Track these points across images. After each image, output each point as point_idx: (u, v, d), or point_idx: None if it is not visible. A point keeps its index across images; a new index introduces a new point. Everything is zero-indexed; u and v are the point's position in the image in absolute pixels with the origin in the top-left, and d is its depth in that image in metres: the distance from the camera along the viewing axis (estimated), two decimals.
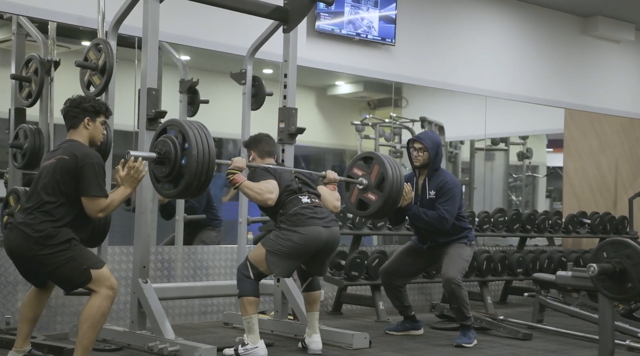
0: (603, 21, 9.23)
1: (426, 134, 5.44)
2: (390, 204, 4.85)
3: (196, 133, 3.95)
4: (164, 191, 4.13)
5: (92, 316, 3.67)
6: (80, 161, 3.73)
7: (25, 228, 3.68)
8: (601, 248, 3.05)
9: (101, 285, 3.72)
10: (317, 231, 4.38)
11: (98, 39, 4.84)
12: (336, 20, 6.89)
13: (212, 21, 6.01)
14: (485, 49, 8.31)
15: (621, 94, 9.76)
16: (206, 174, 3.97)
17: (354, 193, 4.98)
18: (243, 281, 4.40)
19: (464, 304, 5.10)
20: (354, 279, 6.11)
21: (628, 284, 2.95)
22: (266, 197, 4.39)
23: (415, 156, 5.30)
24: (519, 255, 7.30)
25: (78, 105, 3.92)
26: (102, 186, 3.81)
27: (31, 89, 5.38)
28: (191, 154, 3.90)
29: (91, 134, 3.96)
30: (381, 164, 4.85)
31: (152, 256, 5.52)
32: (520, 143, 9.90)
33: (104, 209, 3.78)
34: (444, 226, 5.16)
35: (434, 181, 5.28)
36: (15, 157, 5.36)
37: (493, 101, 8.50)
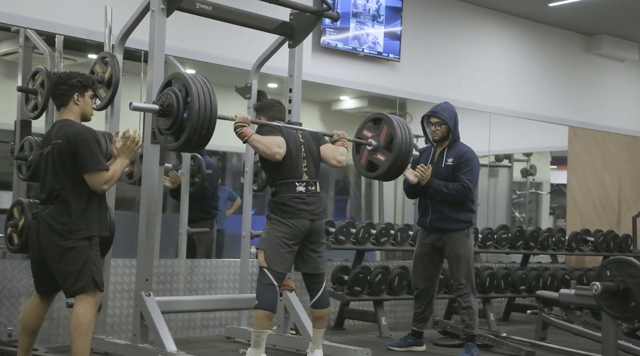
0: (607, 40, 9.26)
1: (440, 107, 5.35)
2: (398, 165, 4.80)
3: (199, 87, 3.96)
4: (166, 143, 4.15)
5: (79, 325, 3.69)
6: (72, 140, 3.74)
7: (50, 221, 3.74)
8: (605, 266, 3.05)
9: (87, 296, 3.75)
10: (303, 224, 4.42)
11: (105, 52, 4.87)
12: (341, 36, 6.92)
13: (218, 35, 6.05)
14: (490, 65, 8.34)
15: (625, 113, 9.78)
16: (207, 129, 3.98)
17: (364, 155, 4.95)
18: (265, 290, 4.34)
19: (472, 318, 5.12)
20: (356, 294, 6.09)
21: (631, 303, 2.95)
22: (275, 150, 4.39)
23: (433, 131, 5.27)
24: (522, 272, 7.28)
25: (65, 81, 3.91)
26: (100, 159, 3.80)
27: (37, 102, 5.38)
28: (193, 108, 3.91)
29: (82, 109, 3.96)
30: (390, 125, 4.81)
31: (154, 269, 5.51)
32: (524, 160, 9.90)
33: (107, 181, 3.80)
34: (467, 196, 5.15)
35: (454, 150, 5.25)
36: (20, 169, 5.37)
37: (497, 117, 8.51)
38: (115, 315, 5.36)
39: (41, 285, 3.94)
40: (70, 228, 3.72)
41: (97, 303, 3.81)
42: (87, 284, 3.74)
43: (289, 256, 4.44)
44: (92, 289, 3.75)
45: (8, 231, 5.15)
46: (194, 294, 5.76)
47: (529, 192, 10.17)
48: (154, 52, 4.55)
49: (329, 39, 6.82)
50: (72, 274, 3.74)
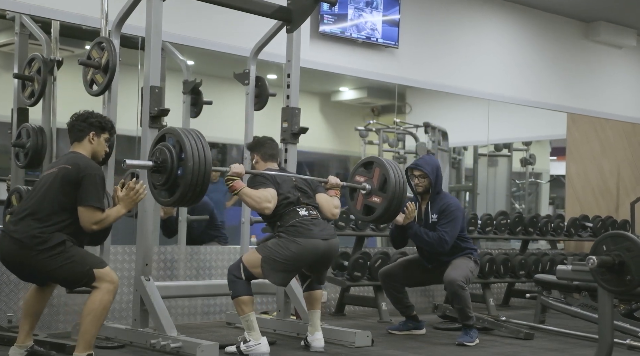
0: (605, 26, 9.25)
1: (424, 160, 5.43)
2: (395, 205, 4.83)
3: (193, 143, 3.92)
4: (160, 198, 4.13)
5: (94, 310, 3.68)
6: (82, 171, 3.76)
7: (17, 234, 3.69)
8: (601, 241, 3.06)
9: (103, 281, 3.73)
10: (314, 244, 4.38)
11: (101, 37, 4.86)
12: (340, 23, 6.91)
13: (216, 22, 6.04)
14: (489, 52, 8.33)
15: (623, 99, 9.77)
16: (201, 185, 3.95)
17: (359, 200, 4.97)
18: (234, 282, 4.40)
19: (467, 305, 5.11)
20: (356, 279, 6.10)
21: (627, 277, 2.96)
22: (264, 205, 4.40)
23: (416, 184, 5.33)
24: (521, 257, 7.30)
25: (85, 119, 3.98)
26: (100, 198, 3.83)
27: (34, 89, 5.38)
28: (187, 165, 3.89)
29: (95, 149, 4.01)
30: (382, 166, 4.86)
31: (155, 256, 5.52)
32: (523, 149, 9.90)
33: (98, 222, 3.80)
34: (443, 247, 5.19)
35: (437, 204, 5.31)
36: (17, 157, 5.38)
37: (496, 105, 8.51)
38: (115, 302, 5.29)
39: (34, 282, 3.95)
40: (41, 239, 3.67)
41: (115, 290, 3.77)
42: (88, 277, 3.72)
43: (288, 276, 4.48)
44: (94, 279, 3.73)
45: (6, 219, 5.17)
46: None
47: (528, 181, 10.17)
48: (150, 37, 4.54)
49: (327, 26, 6.81)
50: (68, 278, 3.76)
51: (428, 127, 8.56)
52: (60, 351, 4.22)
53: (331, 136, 9.11)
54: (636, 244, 2.96)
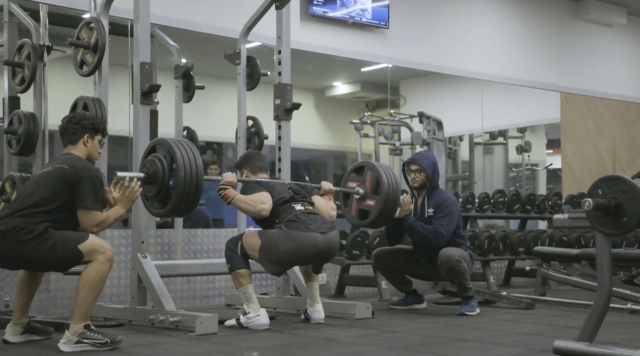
0: (595, 5, 9.27)
1: (420, 155, 5.42)
2: (389, 207, 4.84)
3: (184, 153, 3.91)
4: (152, 209, 4.11)
5: (90, 281, 3.64)
6: (80, 173, 3.71)
7: (3, 227, 3.64)
8: (596, 185, 3.05)
9: (96, 253, 3.67)
10: (314, 238, 4.33)
11: (90, 17, 4.85)
12: (329, 4, 6.91)
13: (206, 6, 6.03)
14: (479, 32, 8.34)
15: (615, 78, 9.79)
16: (194, 195, 3.94)
17: (353, 205, 4.96)
18: (232, 256, 4.39)
19: (465, 277, 5.08)
20: (355, 258, 6.08)
21: (623, 219, 2.94)
22: (259, 207, 4.37)
23: (413, 178, 5.30)
24: (520, 234, 7.28)
25: (78, 122, 3.94)
26: (98, 200, 3.79)
27: (24, 75, 5.37)
28: (179, 175, 3.88)
29: (89, 151, 3.97)
30: (373, 169, 4.87)
31: (152, 239, 5.52)
32: (518, 137, 9.88)
33: (99, 224, 3.77)
34: (439, 240, 5.14)
35: (433, 199, 5.28)
36: (10, 144, 5.36)
37: (489, 89, 8.51)
38: (113, 286, 5.33)
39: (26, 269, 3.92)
40: (24, 229, 3.61)
41: (111, 260, 3.73)
42: (75, 255, 3.67)
43: (284, 269, 4.46)
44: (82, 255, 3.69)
45: (0, 206, 5.15)
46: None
47: (524, 169, 10.15)
48: (139, 12, 4.52)
49: (317, 7, 6.81)
50: (56, 261, 3.69)
51: (423, 117, 8.54)
52: (59, 330, 4.18)
53: (327, 132, 9.10)
54: (631, 186, 2.95)
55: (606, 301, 3.14)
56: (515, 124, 9.82)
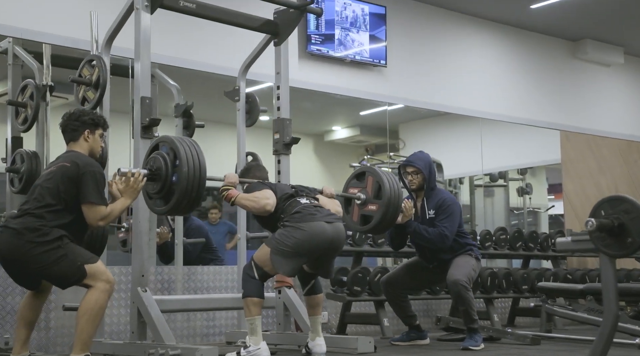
0: (592, 44, 9.37)
1: (416, 156, 5.41)
2: (392, 211, 4.83)
3: (187, 150, 3.94)
4: (155, 207, 4.11)
5: (89, 310, 3.62)
6: (82, 169, 3.76)
7: (16, 226, 3.67)
8: (598, 206, 3.03)
9: (97, 279, 3.68)
10: (321, 227, 4.26)
11: (91, 55, 4.90)
12: (327, 43, 6.99)
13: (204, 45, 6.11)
14: (478, 71, 8.41)
15: (615, 117, 9.83)
16: (197, 191, 3.95)
17: (355, 211, 4.96)
18: (248, 281, 4.32)
19: (471, 306, 5.04)
20: (356, 294, 6.02)
21: (628, 239, 2.92)
22: (263, 203, 4.35)
23: (410, 181, 5.32)
24: (524, 272, 7.23)
25: (78, 118, 4.00)
26: (102, 194, 3.84)
27: (27, 114, 5.42)
28: (182, 171, 3.89)
29: (91, 146, 4.03)
30: (374, 174, 4.88)
31: (152, 276, 5.49)
32: (519, 179, 9.88)
33: (104, 218, 3.80)
34: (444, 243, 5.13)
35: (432, 200, 5.28)
36: (12, 182, 5.37)
37: (488, 128, 8.53)
38: (113, 323, 5.29)
39: (27, 284, 3.92)
40: (38, 232, 3.65)
41: (112, 290, 3.74)
42: (79, 273, 3.68)
43: (297, 264, 4.33)
44: (85, 275, 3.68)
45: None
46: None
47: (526, 210, 10.13)
48: (139, 49, 4.57)
49: (315, 46, 6.89)
50: (59, 274, 3.70)
51: None
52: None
53: (327, 177, 9.10)
54: (634, 205, 2.93)
55: (613, 326, 3.11)
56: (515, 166, 9.82)
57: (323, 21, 6.94)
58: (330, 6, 6.98)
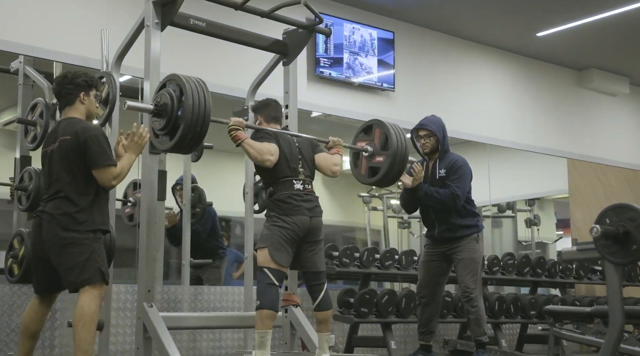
0: (598, 74, 9.42)
1: (428, 119, 5.41)
2: (399, 161, 4.81)
3: (193, 86, 4.00)
4: (161, 145, 4.15)
5: (83, 316, 3.65)
6: (81, 136, 3.79)
7: (54, 213, 3.74)
8: (603, 214, 3.05)
9: (92, 288, 3.72)
10: (302, 221, 4.39)
11: (102, 72, 4.96)
12: (336, 66, 7.06)
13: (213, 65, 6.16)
14: (484, 97, 8.45)
15: (622, 146, 9.84)
16: (202, 125, 3.99)
17: (363, 164, 4.97)
18: (266, 290, 4.28)
19: (481, 315, 5.02)
20: (363, 316, 5.99)
21: (633, 247, 2.93)
22: (266, 157, 4.40)
23: (423, 144, 5.30)
24: (532, 297, 7.18)
25: (71, 81, 4.00)
26: (109, 155, 3.86)
27: (36, 133, 5.46)
28: (187, 104, 3.94)
29: (87, 108, 4.05)
30: (381, 126, 4.89)
31: (158, 295, 5.47)
32: (527, 210, 9.86)
33: (116, 177, 3.85)
34: (456, 203, 5.10)
35: (445, 161, 5.27)
36: (20, 200, 5.39)
37: (496, 155, 8.54)
38: (118, 342, 5.27)
39: (41, 284, 3.91)
40: (75, 220, 3.73)
41: (102, 296, 3.77)
42: (94, 276, 3.72)
43: (290, 252, 4.40)
44: (99, 281, 3.72)
45: (8, 262, 5.13)
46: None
47: (534, 242, 10.09)
48: (149, 65, 4.60)
49: (324, 69, 6.95)
50: (77, 266, 3.72)
51: None
52: None
53: (336, 208, 9.11)
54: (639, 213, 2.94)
55: (619, 336, 3.09)
56: (523, 196, 9.80)
57: (332, 45, 7.03)
58: (339, 31, 7.07)
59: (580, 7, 7.64)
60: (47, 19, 5.68)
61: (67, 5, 5.82)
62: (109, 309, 4.72)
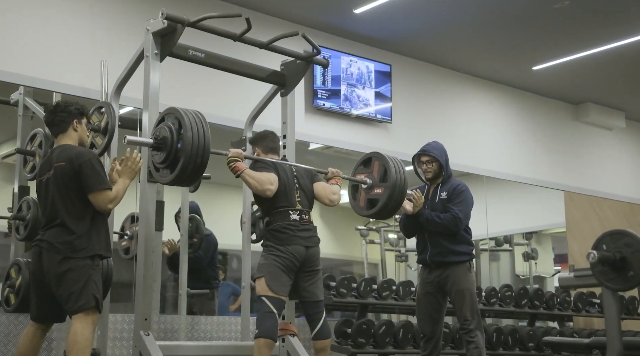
0: (594, 108, 9.49)
1: (430, 145, 5.42)
2: (398, 193, 4.81)
3: (192, 118, 4.03)
4: (161, 178, 4.17)
5: (77, 343, 3.65)
6: (76, 162, 3.83)
7: (53, 241, 3.77)
8: (600, 240, 3.06)
9: (85, 315, 3.72)
10: (298, 251, 4.42)
11: (101, 102, 5.00)
12: (333, 98, 7.12)
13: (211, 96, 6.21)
14: (481, 130, 8.51)
15: (618, 180, 9.88)
16: (202, 157, 4.02)
17: (362, 196, 4.99)
18: (265, 319, 4.29)
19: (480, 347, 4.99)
20: (361, 346, 5.96)
21: (630, 273, 2.95)
22: (266, 187, 4.42)
23: (425, 170, 5.31)
24: (530, 329, 7.16)
25: (64, 109, 4.08)
26: (104, 179, 3.90)
27: (35, 163, 5.47)
28: (186, 136, 3.97)
29: (80, 136, 4.12)
30: (380, 159, 4.92)
31: (154, 325, 5.45)
32: (524, 243, 9.86)
33: (112, 200, 3.89)
34: (458, 227, 5.08)
35: (447, 185, 5.27)
36: (17, 230, 5.39)
37: (493, 187, 8.56)
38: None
39: (39, 311, 3.91)
40: (73, 247, 3.76)
41: (95, 323, 3.78)
42: (88, 302, 3.74)
43: (288, 281, 4.41)
44: (93, 307, 3.73)
45: (5, 292, 5.12)
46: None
47: (532, 276, 10.07)
48: (148, 95, 4.64)
49: (321, 101, 7.01)
50: (74, 293, 3.74)
51: None
52: None
53: (333, 242, 9.11)
54: (636, 239, 2.96)
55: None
56: (520, 229, 9.80)
57: (329, 77, 7.10)
58: (337, 63, 7.15)
59: (576, 41, 7.73)
60: (48, 50, 5.74)
61: (67, 36, 5.90)
62: (105, 338, 4.70)
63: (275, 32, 4.95)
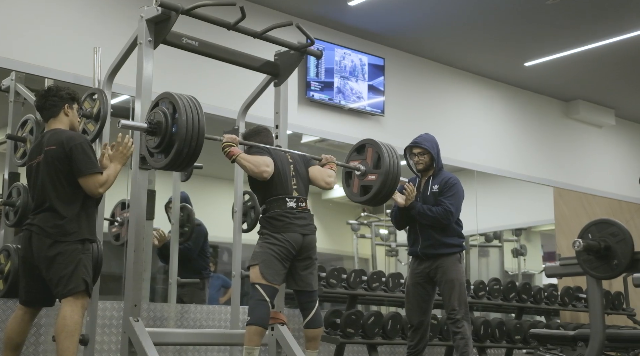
0: (584, 105, 9.55)
1: (422, 137, 5.45)
2: (391, 180, 4.83)
3: (186, 103, 4.05)
4: (156, 163, 4.17)
5: (65, 326, 3.66)
6: (66, 145, 3.84)
7: (42, 225, 3.78)
8: (586, 229, 3.10)
9: (75, 299, 3.73)
10: (294, 238, 4.44)
11: (93, 88, 5.00)
12: (326, 90, 7.14)
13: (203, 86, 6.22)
14: (472, 125, 8.55)
15: (607, 177, 9.94)
16: (196, 141, 4.03)
17: (355, 183, 5.01)
18: (257, 306, 4.32)
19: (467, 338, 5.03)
20: (349, 336, 5.99)
21: (614, 262, 2.98)
22: (262, 169, 4.44)
23: (417, 162, 5.34)
24: (517, 322, 7.21)
25: (56, 93, 4.09)
26: (95, 163, 3.92)
27: (25, 149, 5.47)
28: (181, 120, 3.98)
29: (71, 120, 4.13)
30: (374, 145, 4.93)
31: (144, 313, 5.46)
32: (514, 240, 9.91)
33: (102, 184, 3.89)
34: (449, 220, 5.13)
35: (438, 178, 5.30)
36: (7, 216, 5.39)
37: (483, 182, 8.59)
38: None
39: (29, 295, 3.91)
40: (63, 231, 3.76)
41: (85, 307, 3.79)
42: (78, 286, 3.75)
43: (282, 269, 4.42)
44: (83, 291, 3.74)
45: None
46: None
47: (521, 272, 10.12)
48: (141, 81, 4.64)
49: (314, 93, 7.03)
50: (64, 277, 3.75)
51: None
52: None
53: (324, 236, 9.10)
54: (621, 229, 3.00)
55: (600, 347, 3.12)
56: (510, 225, 9.86)
57: (323, 69, 7.12)
58: (330, 55, 7.17)
59: (567, 38, 7.77)
60: (40, 36, 5.74)
61: (60, 22, 5.89)
62: (94, 325, 4.71)
63: (269, 23, 4.95)
